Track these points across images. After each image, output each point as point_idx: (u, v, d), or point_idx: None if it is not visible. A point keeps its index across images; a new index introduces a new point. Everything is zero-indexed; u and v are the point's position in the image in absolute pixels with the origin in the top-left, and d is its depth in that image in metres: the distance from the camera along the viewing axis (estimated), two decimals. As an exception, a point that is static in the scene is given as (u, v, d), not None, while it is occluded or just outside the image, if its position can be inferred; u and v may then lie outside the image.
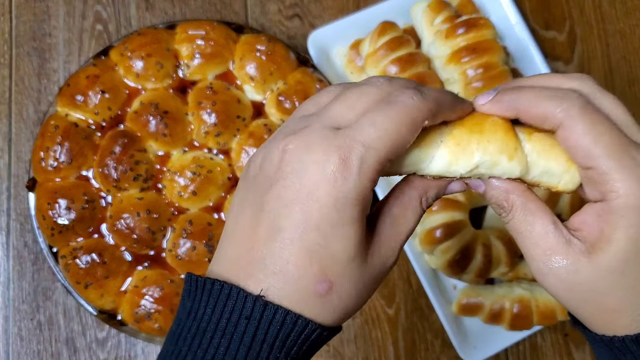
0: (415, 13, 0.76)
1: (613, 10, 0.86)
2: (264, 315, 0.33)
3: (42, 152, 0.68)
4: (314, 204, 0.33)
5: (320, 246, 0.34)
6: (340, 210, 0.33)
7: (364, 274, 0.36)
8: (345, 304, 0.36)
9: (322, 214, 0.33)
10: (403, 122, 0.33)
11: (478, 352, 0.73)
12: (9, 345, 0.73)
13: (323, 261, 0.34)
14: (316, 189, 0.33)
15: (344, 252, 0.34)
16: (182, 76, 0.72)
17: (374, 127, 0.33)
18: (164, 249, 0.69)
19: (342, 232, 0.34)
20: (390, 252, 0.37)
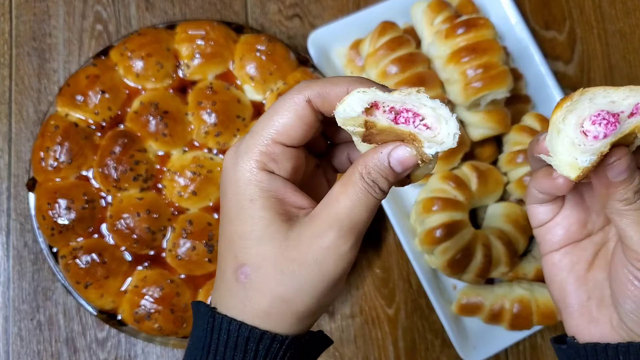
0: (415, 13, 0.76)
1: (613, 10, 0.86)
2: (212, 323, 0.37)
3: (42, 152, 0.68)
4: (223, 198, 0.37)
5: (233, 233, 0.36)
6: (237, 194, 0.36)
7: (287, 251, 0.35)
8: (271, 286, 0.35)
9: (228, 204, 0.37)
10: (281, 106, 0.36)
11: (478, 352, 0.73)
12: (9, 345, 0.73)
13: (234, 246, 0.36)
14: (223, 184, 0.37)
15: (251, 232, 0.36)
16: (182, 76, 0.72)
17: (261, 118, 0.37)
18: (164, 249, 0.69)
19: (245, 214, 0.36)
20: (324, 228, 0.35)
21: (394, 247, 0.77)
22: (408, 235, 0.74)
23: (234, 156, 0.37)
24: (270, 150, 0.36)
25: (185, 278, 0.68)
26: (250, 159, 0.36)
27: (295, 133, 0.36)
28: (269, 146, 0.36)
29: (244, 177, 0.36)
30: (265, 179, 0.36)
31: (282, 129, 0.36)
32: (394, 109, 0.35)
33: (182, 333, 0.68)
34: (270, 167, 0.36)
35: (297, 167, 0.37)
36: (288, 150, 0.37)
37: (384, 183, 0.36)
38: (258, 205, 0.36)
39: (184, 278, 0.68)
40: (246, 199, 0.36)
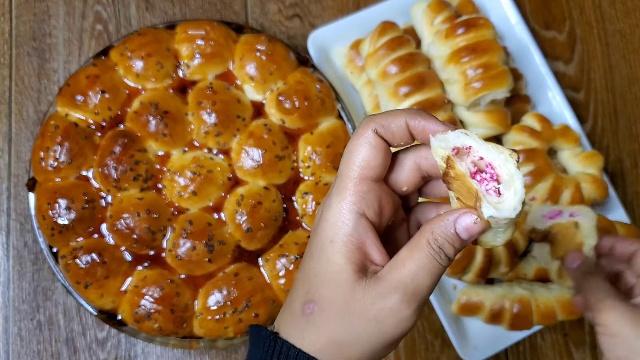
0: (415, 13, 0.76)
1: (613, 10, 0.86)
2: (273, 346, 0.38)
3: (42, 152, 0.68)
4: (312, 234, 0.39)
5: (309, 269, 0.38)
6: (322, 233, 0.38)
7: (352, 302, 0.37)
8: (330, 328, 0.37)
9: (314, 240, 0.38)
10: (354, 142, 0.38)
11: (478, 352, 0.73)
12: (9, 345, 0.73)
13: (309, 282, 0.38)
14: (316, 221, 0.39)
15: (324, 274, 0.37)
16: (182, 76, 0.72)
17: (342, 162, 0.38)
18: (164, 249, 0.69)
19: (323, 255, 0.38)
20: (389, 290, 0.36)
21: (394, 247, 0.77)
22: (408, 235, 0.74)
23: (330, 196, 0.38)
24: (360, 189, 0.37)
25: (185, 278, 0.68)
26: (342, 200, 0.37)
27: (376, 162, 0.37)
28: (358, 184, 0.37)
29: (332, 217, 0.37)
30: (352, 222, 0.37)
31: (363, 163, 0.37)
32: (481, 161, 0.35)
33: (182, 333, 0.68)
34: (361, 207, 0.37)
35: (382, 205, 0.38)
36: (375, 187, 0.38)
37: (450, 249, 0.37)
38: (336, 249, 0.37)
39: (183, 278, 0.68)
40: (328, 239, 0.37)
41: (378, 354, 0.38)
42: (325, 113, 0.72)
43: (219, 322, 0.67)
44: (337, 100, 0.73)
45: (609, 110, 0.84)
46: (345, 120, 0.73)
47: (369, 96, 0.77)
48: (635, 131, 0.84)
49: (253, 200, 0.68)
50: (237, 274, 0.68)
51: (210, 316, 0.67)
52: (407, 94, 0.70)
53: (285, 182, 0.71)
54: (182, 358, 0.74)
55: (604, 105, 0.84)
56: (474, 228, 0.36)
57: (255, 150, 0.69)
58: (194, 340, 0.68)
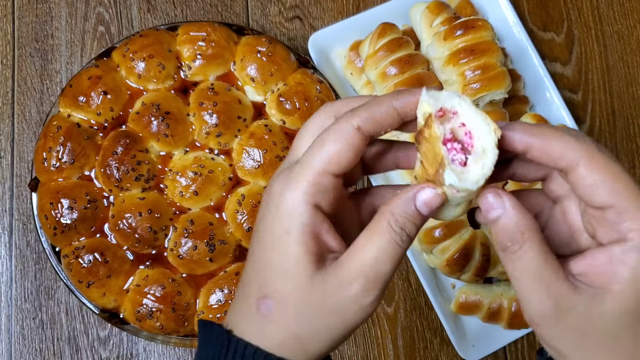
0: (414, 15, 0.77)
1: (611, 12, 0.87)
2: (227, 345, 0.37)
3: (44, 153, 0.69)
4: (261, 222, 0.37)
5: (263, 260, 0.36)
6: (276, 222, 0.36)
7: (310, 295, 0.35)
8: (292, 325, 0.36)
9: (265, 229, 0.37)
10: (332, 137, 0.36)
11: (476, 350, 0.74)
12: (11, 344, 0.73)
13: (263, 275, 0.36)
14: (265, 208, 0.37)
15: (279, 264, 0.36)
16: (183, 77, 0.73)
17: (310, 149, 0.36)
18: (165, 248, 0.69)
19: (278, 244, 0.36)
20: (349, 278, 0.35)
21: (394, 247, 0.77)
22: (407, 234, 0.74)
23: (283, 182, 0.36)
24: (319, 181, 0.35)
25: (186, 277, 0.69)
26: (298, 189, 0.35)
27: (346, 161, 0.36)
28: (318, 176, 0.35)
29: (288, 207, 0.35)
30: (308, 212, 0.35)
31: (333, 159, 0.35)
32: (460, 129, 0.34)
33: (183, 331, 0.68)
34: (318, 199, 0.36)
35: (338, 198, 0.37)
36: (335, 181, 0.36)
37: (412, 228, 0.35)
38: (292, 239, 0.35)
39: (185, 277, 0.69)
40: (283, 229, 0.35)
41: (338, 343, 0.37)
42: (325, 114, 0.72)
43: (220, 321, 0.67)
44: (337, 101, 0.74)
45: (606, 111, 0.85)
46: (345, 121, 0.74)
47: (368, 97, 0.77)
48: (633, 131, 0.84)
49: (254, 200, 0.69)
50: (238, 273, 0.68)
51: (211, 315, 0.67)
52: (406, 95, 0.71)
53: (286, 182, 0.71)
54: (183, 356, 0.74)
55: (602, 106, 0.85)
56: (433, 201, 0.35)
57: (256, 151, 0.70)
58: (196, 339, 0.69)
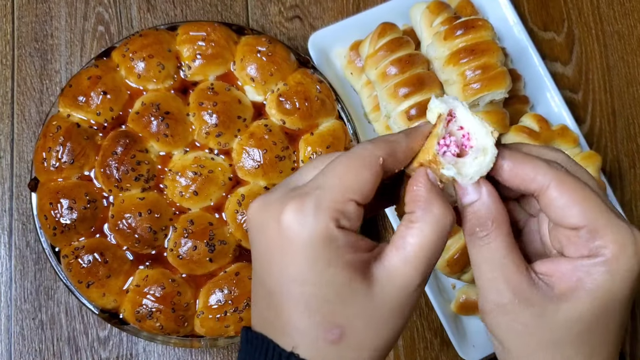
0: (414, 14, 0.77)
1: (611, 11, 0.87)
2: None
3: (44, 153, 0.69)
4: (285, 257, 0.35)
5: (312, 295, 0.34)
6: (312, 255, 0.34)
7: (373, 306, 0.35)
8: (366, 342, 0.35)
9: (297, 264, 0.34)
10: (355, 164, 0.35)
11: (477, 350, 0.73)
12: (11, 344, 0.73)
13: (322, 308, 0.35)
14: (283, 242, 0.34)
15: (337, 293, 0.34)
16: (183, 77, 0.73)
17: (328, 173, 0.35)
18: (165, 249, 0.69)
19: (327, 275, 0.34)
20: (393, 271, 0.35)
21: (394, 247, 0.77)
22: (407, 234, 0.74)
23: (299, 210, 0.34)
24: (345, 209, 0.34)
25: (186, 277, 0.69)
26: (323, 216, 0.34)
27: (369, 192, 0.35)
28: (343, 203, 0.34)
29: (318, 238, 0.34)
30: (342, 236, 0.34)
31: (357, 188, 0.35)
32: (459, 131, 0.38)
33: (183, 332, 0.68)
34: (344, 224, 0.35)
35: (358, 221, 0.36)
36: (360, 210, 0.35)
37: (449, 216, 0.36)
38: (339, 263, 0.34)
39: (185, 277, 0.69)
40: (324, 260, 0.34)
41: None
42: (325, 114, 0.72)
43: (220, 321, 0.67)
44: (337, 101, 0.74)
45: (607, 111, 0.84)
46: (345, 121, 0.74)
47: (368, 97, 0.77)
48: (634, 131, 0.84)
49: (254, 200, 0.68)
50: (238, 273, 0.68)
51: (211, 315, 0.67)
52: (406, 95, 0.71)
53: (286, 182, 0.71)
54: (183, 357, 0.74)
55: (602, 105, 0.85)
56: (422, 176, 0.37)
57: (256, 151, 0.70)
58: (195, 339, 0.69)
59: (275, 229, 0.35)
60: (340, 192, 0.35)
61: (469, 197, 0.36)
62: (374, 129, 0.78)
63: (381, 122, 0.76)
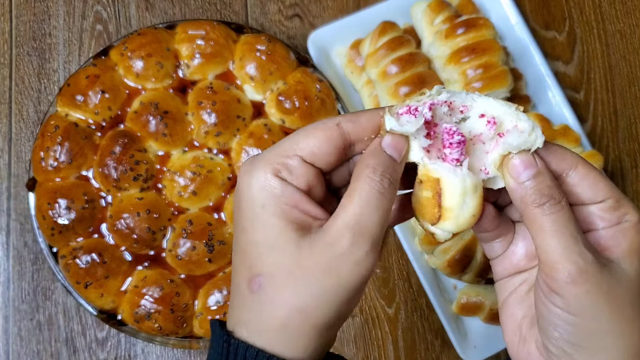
0: (415, 13, 0.76)
1: (613, 10, 0.86)
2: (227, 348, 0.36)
3: (42, 152, 0.68)
4: (236, 208, 0.37)
5: (246, 242, 0.36)
6: (250, 201, 0.36)
7: (300, 260, 0.34)
8: (285, 297, 0.34)
9: (241, 212, 0.36)
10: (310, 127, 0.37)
11: (478, 351, 0.73)
12: (8, 345, 0.73)
13: (248, 256, 0.36)
14: (236, 193, 0.37)
15: (264, 240, 0.35)
16: (182, 76, 0.72)
17: (286, 137, 0.37)
18: (164, 249, 0.69)
19: (257, 221, 0.35)
20: (336, 236, 0.34)
21: (394, 247, 0.77)
22: (408, 235, 0.74)
23: (249, 164, 0.36)
24: (287, 162, 0.36)
25: (185, 278, 0.69)
26: (265, 166, 0.36)
27: (320, 152, 0.36)
28: (286, 157, 0.36)
29: (257, 184, 0.35)
30: (278, 185, 0.35)
31: (305, 146, 0.36)
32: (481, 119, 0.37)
33: (182, 333, 0.68)
34: (284, 176, 0.36)
35: (311, 186, 0.36)
36: (305, 166, 0.36)
37: (391, 174, 0.36)
38: (270, 212, 0.35)
39: (184, 278, 0.68)
40: (258, 205, 0.35)
41: (343, 311, 0.35)
42: (325, 113, 0.72)
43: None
44: (337, 100, 0.73)
45: (609, 110, 0.84)
46: (345, 120, 0.73)
47: (369, 96, 0.77)
48: (635, 131, 0.84)
49: (253, 200, 0.68)
50: (237, 273, 0.68)
51: (210, 316, 0.67)
52: (407, 94, 0.70)
53: (285, 182, 0.71)
54: (182, 358, 0.74)
55: (604, 105, 0.84)
56: (397, 143, 0.36)
57: (255, 150, 0.69)
58: (194, 340, 0.68)
59: (236, 187, 0.38)
60: (286, 148, 0.36)
61: (529, 170, 0.36)
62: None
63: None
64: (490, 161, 0.37)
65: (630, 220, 0.37)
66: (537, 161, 0.36)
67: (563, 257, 0.35)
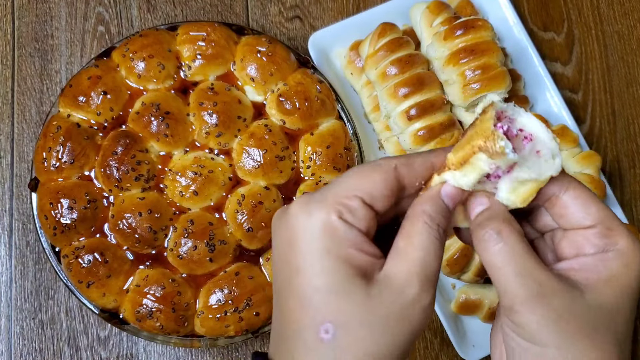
0: (414, 14, 0.77)
1: (611, 12, 0.87)
2: None
3: (44, 153, 0.69)
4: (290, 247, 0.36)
5: (306, 285, 0.35)
6: (311, 243, 0.34)
7: (370, 306, 0.34)
8: (360, 344, 0.34)
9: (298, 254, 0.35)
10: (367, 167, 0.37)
11: (477, 350, 0.74)
12: (11, 344, 0.73)
13: (312, 301, 0.34)
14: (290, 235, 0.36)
15: (331, 286, 0.34)
16: (183, 77, 0.73)
17: (341, 176, 0.37)
18: (165, 248, 0.69)
19: (323, 267, 0.34)
20: (404, 284, 0.34)
21: (394, 247, 0.77)
22: (407, 234, 0.74)
23: (306, 203, 0.36)
24: (348, 203, 0.35)
25: (186, 277, 0.69)
26: (326, 207, 0.35)
27: (379, 194, 0.36)
28: (347, 198, 0.35)
29: (319, 224, 0.35)
30: (343, 227, 0.35)
31: (365, 188, 0.36)
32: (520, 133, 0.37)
33: (183, 332, 0.68)
34: (346, 218, 0.35)
35: (369, 229, 0.36)
36: (366, 209, 0.36)
37: (444, 222, 0.36)
38: (335, 256, 0.34)
39: (185, 277, 0.69)
40: (321, 247, 0.34)
41: (408, 353, 0.36)
42: (325, 114, 0.72)
43: (220, 321, 0.67)
44: (337, 101, 0.74)
45: (607, 111, 0.85)
46: (345, 121, 0.74)
47: (368, 97, 0.77)
48: (633, 131, 0.84)
49: (254, 200, 0.69)
50: (238, 273, 0.68)
51: (211, 315, 0.67)
52: (406, 95, 0.71)
53: (286, 182, 0.71)
54: (183, 357, 0.74)
55: (602, 106, 0.85)
56: (455, 194, 0.37)
57: (256, 151, 0.70)
58: (196, 339, 0.69)
59: (284, 224, 0.36)
60: (346, 189, 0.36)
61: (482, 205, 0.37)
62: (373, 128, 0.78)
63: (381, 122, 0.76)
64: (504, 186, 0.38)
65: (618, 249, 0.37)
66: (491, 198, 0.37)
67: (517, 284, 0.35)
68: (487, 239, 0.36)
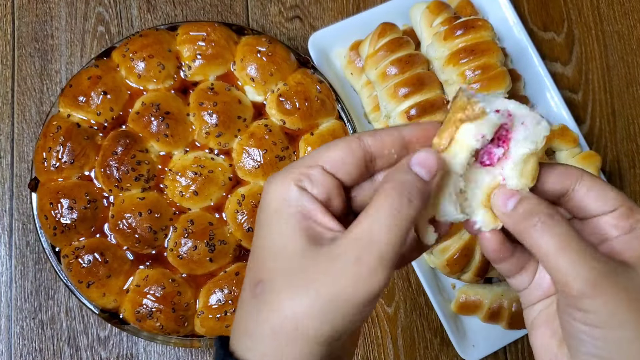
0: (414, 14, 0.77)
1: (611, 12, 0.87)
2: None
3: (44, 153, 0.69)
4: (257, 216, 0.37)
5: (257, 246, 0.36)
6: (266, 207, 0.36)
7: (304, 269, 0.33)
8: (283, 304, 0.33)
9: (258, 218, 0.37)
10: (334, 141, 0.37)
11: (477, 350, 0.74)
12: (11, 344, 0.73)
13: (257, 261, 0.36)
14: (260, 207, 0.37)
15: (272, 245, 0.35)
16: (183, 77, 0.73)
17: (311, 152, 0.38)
18: (165, 249, 0.69)
19: (269, 227, 0.36)
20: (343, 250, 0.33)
21: (394, 247, 0.77)
22: (407, 234, 0.74)
23: (274, 174, 0.37)
24: (308, 172, 0.36)
25: (186, 277, 0.69)
26: (286, 176, 0.36)
27: (340, 162, 0.36)
28: (308, 167, 0.36)
29: (276, 191, 0.36)
30: (295, 192, 0.35)
31: (327, 157, 0.36)
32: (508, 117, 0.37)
33: (183, 332, 0.68)
34: (304, 185, 0.36)
35: (330, 197, 0.36)
36: (326, 176, 0.36)
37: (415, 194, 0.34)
38: (282, 217, 0.35)
39: (185, 277, 0.69)
40: (272, 210, 0.36)
41: (340, 327, 0.33)
42: (325, 114, 0.72)
43: (220, 321, 0.67)
44: (337, 101, 0.74)
45: (606, 111, 0.85)
46: (345, 121, 0.74)
47: (368, 97, 0.77)
48: (633, 131, 0.84)
49: (254, 200, 0.69)
50: (238, 273, 0.68)
51: (211, 315, 0.67)
52: (406, 95, 0.71)
53: (286, 182, 0.71)
54: (183, 357, 0.74)
55: (602, 106, 0.85)
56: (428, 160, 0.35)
57: (256, 151, 0.70)
58: (196, 339, 0.69)
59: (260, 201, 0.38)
60: (309, 159, 0.37)
61: (511, 200, 0.37)
62: (373, 129, 0.78)
63: (381, 122, 0.76)
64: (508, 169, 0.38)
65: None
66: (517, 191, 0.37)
67: (572, 274, 0.34)
68: (540, 228, 0.35)
